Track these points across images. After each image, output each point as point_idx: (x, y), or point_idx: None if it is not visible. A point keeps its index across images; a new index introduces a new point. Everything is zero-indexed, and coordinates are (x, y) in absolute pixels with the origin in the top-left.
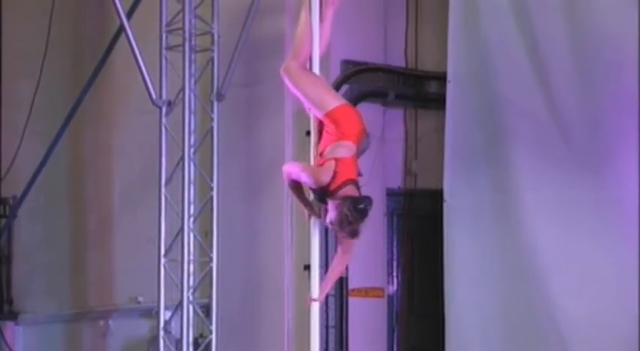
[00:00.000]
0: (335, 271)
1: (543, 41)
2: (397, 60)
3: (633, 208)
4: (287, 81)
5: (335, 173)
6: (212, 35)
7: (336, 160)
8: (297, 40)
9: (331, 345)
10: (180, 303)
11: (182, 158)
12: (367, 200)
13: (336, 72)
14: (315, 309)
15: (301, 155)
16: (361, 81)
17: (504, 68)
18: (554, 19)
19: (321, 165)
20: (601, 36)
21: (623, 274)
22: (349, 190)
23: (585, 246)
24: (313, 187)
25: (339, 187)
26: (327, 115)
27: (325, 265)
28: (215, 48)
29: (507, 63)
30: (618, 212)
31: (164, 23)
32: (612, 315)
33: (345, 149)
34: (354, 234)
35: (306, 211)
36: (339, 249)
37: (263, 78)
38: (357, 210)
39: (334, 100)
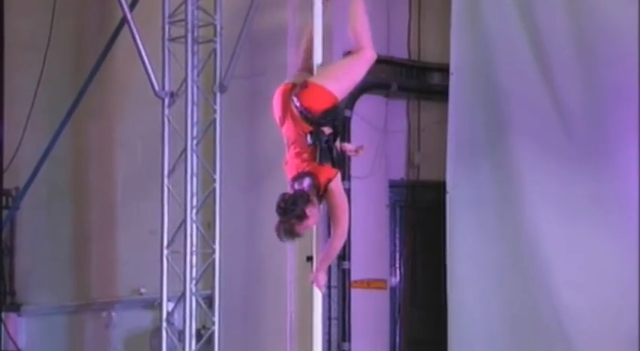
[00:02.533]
0: (328, 252)
1: (546, 33)
2: (400, 52)
3: (635, 200)
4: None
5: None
6: (215, 27)
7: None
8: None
9: (334, 336)
10: (183, 294)
11: (185, 150)
12: (281, 198)
13: None
14: (318, 300)
15: None
16: None
17: (507, 60)
18: (557, 11)
19: None
20: (603, 27)
21: (625, 266)
22: (298, 186)
23: (587, 238)
24: None
25: (292, 183)
26: None
27: None
28: (218, 39)
29: (510, 55)
30: (620, 204)
31: (167, 14)
32: (614, 307)
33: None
34: (278, 233)
35: None
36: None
37: (266, 69)
38: (275, 209)
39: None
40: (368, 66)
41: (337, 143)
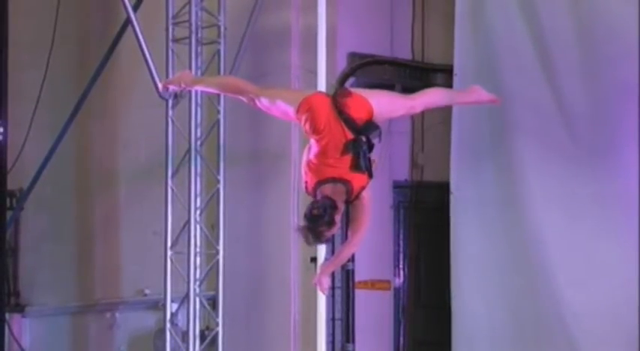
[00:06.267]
0: (338, 257)
1: (549, 34)
2: (403, 52)
3: (637, 200)
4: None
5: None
6: (218, 28)
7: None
8: (280, 95)
9: (337, 337)
10: (187, 295)
11: (188, 151)
12: (314, 205)
13: (342, 64)
14: (322, 301)
15: None
16: (368, 73)
17: (510, 61)
18: (560, 11)
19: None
20: (607, 28)
21: (628, 266)
22: (324, 190)
23: (590, 238)
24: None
25: (314, 192)
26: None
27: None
28: (221, 40)
29: (513, 55)
30: (623, 205)
31: (170, 15)
32: (616, 306)
33: (310, 149)
34: (306, 238)
35: None
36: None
37: (269, 70)
38: (304, 215)
39: (301, 95)
40: (409, 111)
41: None
